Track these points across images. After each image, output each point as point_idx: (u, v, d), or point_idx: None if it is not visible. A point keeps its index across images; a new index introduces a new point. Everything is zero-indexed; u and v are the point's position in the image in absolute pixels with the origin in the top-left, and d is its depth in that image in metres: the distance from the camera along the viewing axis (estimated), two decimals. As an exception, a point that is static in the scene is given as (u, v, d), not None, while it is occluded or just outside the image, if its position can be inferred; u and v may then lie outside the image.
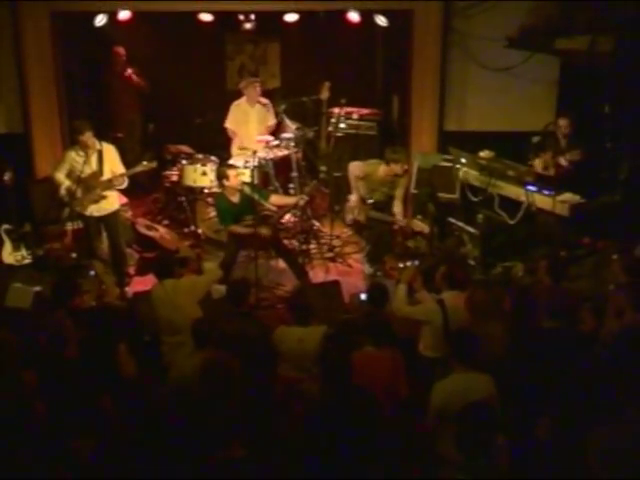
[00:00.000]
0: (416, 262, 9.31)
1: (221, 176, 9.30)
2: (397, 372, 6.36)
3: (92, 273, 9.27)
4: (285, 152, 11.03)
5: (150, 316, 7.49)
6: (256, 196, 9.19)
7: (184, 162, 10.84)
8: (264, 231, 9.03)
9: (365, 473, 5.14)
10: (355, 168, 9.78)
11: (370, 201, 9.67)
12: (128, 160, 9.64)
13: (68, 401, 5.71)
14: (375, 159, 9.95)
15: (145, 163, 9.31)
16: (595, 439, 4.73)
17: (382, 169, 9.58)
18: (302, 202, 9.74)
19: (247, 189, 9.22)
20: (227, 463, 4.87)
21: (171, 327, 7.12)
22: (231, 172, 9.19)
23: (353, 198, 9.80)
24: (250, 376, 6.18)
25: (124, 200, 10.03)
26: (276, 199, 9.58)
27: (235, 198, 9.17)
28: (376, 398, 5.71)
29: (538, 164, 9.61)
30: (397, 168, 9.44)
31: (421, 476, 5.67)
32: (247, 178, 9.75)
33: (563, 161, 9.33)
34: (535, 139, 9.68)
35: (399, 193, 9.72)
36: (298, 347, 6.66)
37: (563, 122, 9.57)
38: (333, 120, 11.35)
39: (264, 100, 11.45)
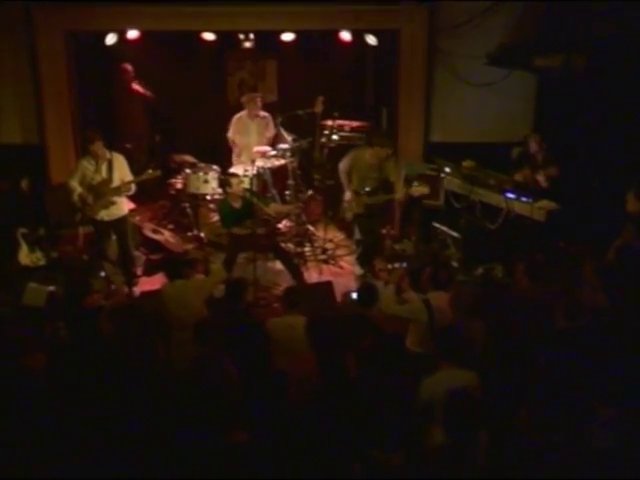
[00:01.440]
0: (404, 264, 9.31)
1: (225, 184, 9.44)
2: None
3: (102, 274, 9.27)
4: (282, 162, 11.03)
5: (156, 313, 7.48)
6: (255, 200, 9.22)
7: (188, 171, 10.83)
8: (261, 230, 9.10)
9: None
10: (343, 164, 9.55)
11: (366, 189, 9.41)
12: (136, 169, 9.63)
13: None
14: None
15: (150, 172, 9.33)
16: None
17: (368, 153, 9.34)
18: (297, 210, 9.74)
19: (249, 195, 9.26)
20: (230, 447, 4.89)
21: (179, 323, 7.11)
22: (234, 180, 9.30)
23: (347, 194, 9.52)
24: (247, 367, 6.22)
25: (132, 206, 10.02)
26: (274, 207, 9.67)
27: (237, 204, 9.22)
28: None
29: (518, 178, 9.62)
30: (382, 152, 9.19)
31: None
32: (247, 186, 9.78)
33: (540, 178, 9.34)
34: (515, 152, 9.71)
35: (395, 177, 9.37)
36: (288, 334, 6.73)
37: (535, 139, 9.57)
38: (326, 132, 11.32)
39: (263, 113, 11.46)
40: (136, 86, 12.43)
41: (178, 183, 11.22)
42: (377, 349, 6.55)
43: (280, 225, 10.35)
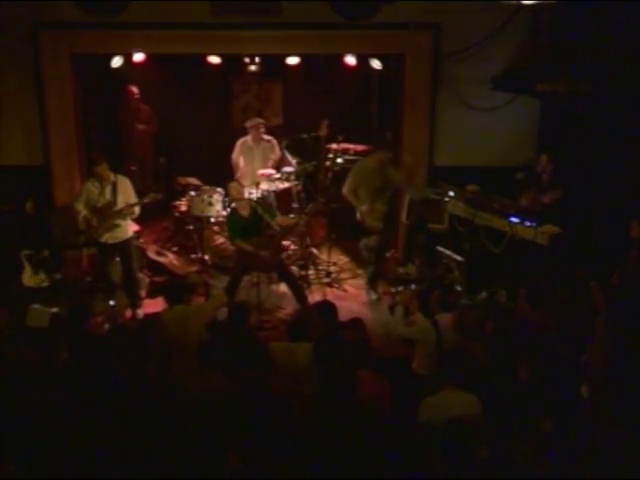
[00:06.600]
0: (413, 287, 9.37)
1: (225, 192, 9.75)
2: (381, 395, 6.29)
3: (111, 302, 9.33)
4: (286, 185, 11.13)
5: (159, 337, 7.48)
6: (259, 210, 9.25)
7: (192, 193, 10.87)
8: (264, 253, 9.09)
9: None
10: (347, 184, 9.76)
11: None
12: (140, 191, 9.68)
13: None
14: None
15: (152, 194, 9.37)
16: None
17: (369, 161, 9.71)
18: (302, 223, 9.89)
19: (258, 208, 9.30)
20: (226, 474, 4.91)
21: (179, 349, 7.10)
22: (232, 184, 9.52)
23: (363, 207, 9.65)
24: (249, 393, 6.23)
25: (136, 228, 10.06)
26: (281, 219, 9.68)
27: (245, 212, 9.30)
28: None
29: (523, 202, 9.66)
30: (382, 155, 9.55)
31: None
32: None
33: (547, 200, 9.38)
34: (519, 175, 9.74)
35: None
36: (290, 360, 6.68)
37: (543, 158, 9.63)
38: (331, 155, 11.38)
39: (268, 137, 11.55)
40: (141, 108, 12.55)
41: (182, 205, 11.28)
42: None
43: (284, 243, 10.39)
